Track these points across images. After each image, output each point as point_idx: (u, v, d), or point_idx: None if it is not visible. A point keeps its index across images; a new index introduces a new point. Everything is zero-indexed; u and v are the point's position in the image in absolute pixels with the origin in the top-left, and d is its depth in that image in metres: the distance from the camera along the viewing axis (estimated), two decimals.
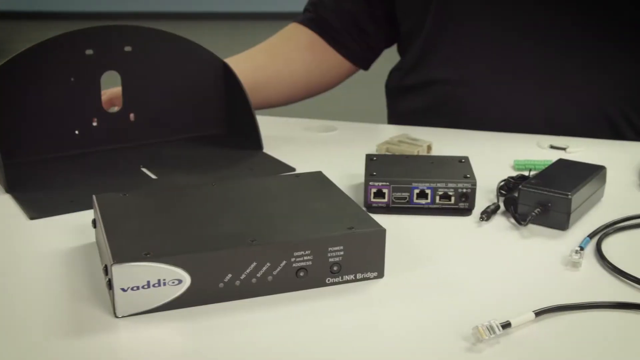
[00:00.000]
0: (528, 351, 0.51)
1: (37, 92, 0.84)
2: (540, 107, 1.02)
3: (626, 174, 0.85)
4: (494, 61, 1.02)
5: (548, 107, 1.02)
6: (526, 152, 0.90)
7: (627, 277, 0.61)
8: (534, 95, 1.02)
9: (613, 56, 1.01)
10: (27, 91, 0.84)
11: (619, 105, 1.03)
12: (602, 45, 1.00)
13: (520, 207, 0.71)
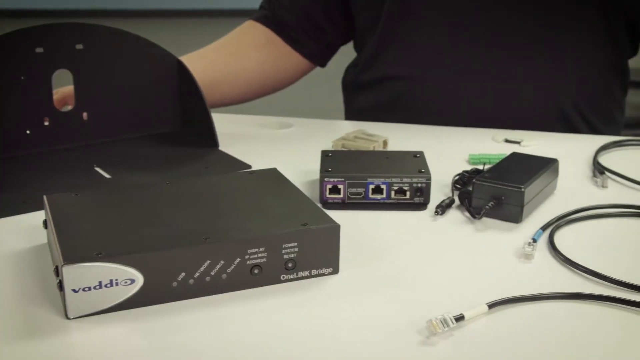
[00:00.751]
0: (481, 343, 0.52)
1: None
2: (495, 101, 1.03)
3: (579, 166, 0.86)
4: (448, 57, 1.03)
5: (503, 102, 1.03)
6: (481, 146, 0.91)
7: (578, 267, 0.61)
8: (488, 90, 1.02)
9: (566, 52, 1.02)
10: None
11: (572, 100, 1.04)
12: (555, 41, 1.02)
13: (475, 201, 0.71)
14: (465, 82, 1.03)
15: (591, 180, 0.82)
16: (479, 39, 1.02)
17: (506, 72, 1.02)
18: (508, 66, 1.02)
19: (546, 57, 1.02)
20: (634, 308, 0.56)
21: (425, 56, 1.04)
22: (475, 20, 1.01)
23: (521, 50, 1.02)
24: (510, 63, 1.02)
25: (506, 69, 1.02)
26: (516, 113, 1.03)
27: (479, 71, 1.02)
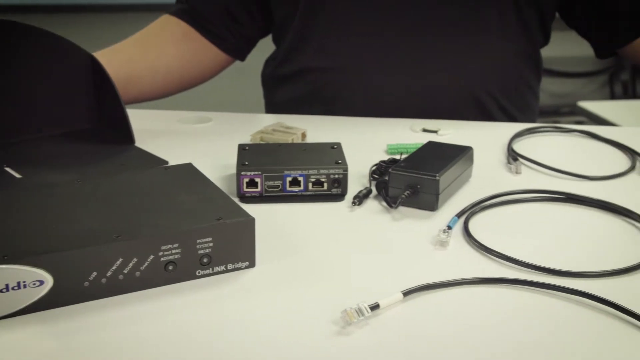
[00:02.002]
0: (396, 331, 0.52)
1: None
2: (413, 92, 1.04)
3: (494, 154, 0.88)
4: (366, 48, 1.03)
5: (420, 92, 1.04)
6: (399, 136, 0.91)
7: (492, 253, 0.63)
8: (406, 81, 1.03)
9: (479, 41, 1.04)
10: None
11: (487, 89, 1.06)
12: (468, 31, 1.03)
13: (391, 190, 0.72)
14: (383, 73, 1.03)
15: (506, 166, 0.84)
16: (395, 31, 1.03)
17: (422, 62, 1.03)
18: (424, 57, 1.03)
19: (461, 46, 1.03)
20: (544, 290, 0.57)
21: (343, 48, 1.04)
22: (391, 12, 1.02)
23: (436, 41, 1.03)
24: (426, 53, 1.03)
25: (422, 59, 1.03)
26: (433, 103, 1.04)
27: (397, 62, 1.03)
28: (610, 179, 0.81)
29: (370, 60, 1.03)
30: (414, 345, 0.50)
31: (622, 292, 0.57)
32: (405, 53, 1.03)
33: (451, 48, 1.03)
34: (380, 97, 1.04)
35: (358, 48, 1.04)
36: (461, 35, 1.03)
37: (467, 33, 1.03)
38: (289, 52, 1.09)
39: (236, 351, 0.50)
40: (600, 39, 1.09)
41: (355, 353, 0.49)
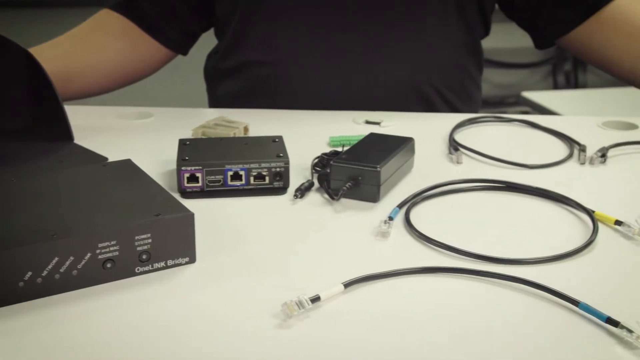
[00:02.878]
0: (337, 322, 0.52)
1: None
2: (355, 84, 1.04)
3: (436, 144, 0.88)
4: (307, 41, 1.03)
5: (362, 84, 1.04)
6: (342, 129, 0.92)
7: (432, 242, 0.63)
8: (348, 73, 1.04)
9: (420, 33, 1.04)
10: None
11: (429, 80, 1.07)
12: (409, 23, 1.04)
13: (333, 183, 0.72)
14: (324, 66, 1.03)
15: (447, 157, 0.84)
16: (336, 24, 1.03)
17: (364, 55, 1.03)
18: (365, 49, 1.03)
19: (401, 39, 1.04)
20: (483, 277, 0.58)
21: (285, 42, 1.04)
22: (332, 5, 1.02)
23: (377, 33, 1.03)
24: (368, 46, 1.03)
25: (364, 52, 1.03)
26: (376, 95, 1.04)
27: (338, 55, 1.03)
28: (549, 167, 0.82)
29: (312, 53, 1.03)
30: (354, 336, 0.50)
31: (558, 278, 0.58)
32: (347, 46, 1.03)
33: (392, 40, 1.04)
34: (323, 90, 1.04)
35: (299, 41, 1.03)
36: (402, 27, 1.04)
37: (408, 25, 1.04)
38: (230, 46, 1.09)
39: (177, 347, 0.49)
40: (538, 30, 1.11)
41: (296, 346, 0.49)
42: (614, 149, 0.86)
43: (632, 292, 0.57)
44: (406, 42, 1.04)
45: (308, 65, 1.04)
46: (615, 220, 0.67)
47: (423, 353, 0.49)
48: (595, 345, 0.50)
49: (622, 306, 0.55)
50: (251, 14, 1.04)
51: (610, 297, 0.56)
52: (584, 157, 0.84)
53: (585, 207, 0.69)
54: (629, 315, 0.52)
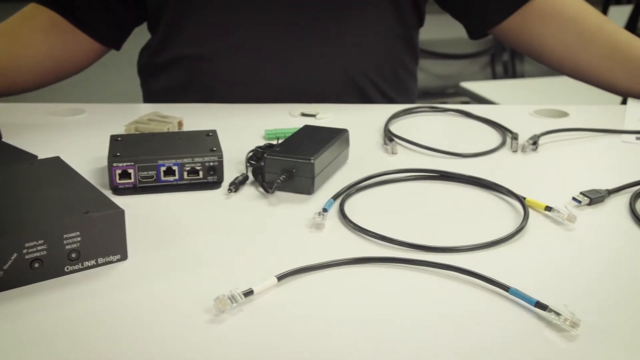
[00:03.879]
0: (271, 315, 0.52)
1: None
2: (290, 77, 1.04)
3: (371, 135, 0.89)
4: (240, 34, 1.03)
5: (298, 77, 1.04)
6: (277, 122, 0.91)
7: (366, 233, 0.63)
8: (283, 66, 1.03)
9: (354, 25, 1.05)
10: None
11: (364, 72, 1.07)
12: (343, 15, 1.04)
13: (267, 176, 0.71)
14: (258, 59, 1.03)
15: (382, 147, 0.85)
16: (270, 16, 1.02)
17: (298, 47, 1.03)
18: (300, 41, 1.03)
19: (335, 30, 1.04)
20: (416, 266, 0.58)
21: (217, 35, 1.03)
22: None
23: (311, 25, 1.03)
24: (302, 38, 1.03)
25: (298, 44, 1.03)
26: (312, 87, 1.04)
27: (272, 48, 1.03)
28: (482, 155, 0.83)
29: (245, 46, 1.03)
30: (288, 329, 0.50)
31: (490, 264, 0.59)
32: (281, 38, 1.03)
33: (326, 33, 1.04)
34: (258, 84, 1.03)
35: (232, 35, 1.03)
36: (335, 19, 1.04)
37: (341, 17, 1.04)
38: (163, 40, 1.07)
39: (108, 346, 0.48)
40: (471, 21, 1.12)
41: (229, 340, 0.49)
42: (545, 136, 0.88)
43: (561, 276, 0.58)
44: (341, 34, 1.04)
45: (242, 58, 1.03)
46: (546, 206, 0.68)
47: (356, 343, 0.49)
48: (524, 329, 0.51)
49: (552, 290, 0.56)
50: (182, 8, 1.03)
51: (540, 282, 0.57)
52: (516, 145, 0.85)
53: (517, 194, 0.70)
54: (558, 299, 0.53)
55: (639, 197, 0.71)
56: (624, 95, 1.07)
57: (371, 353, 0.48)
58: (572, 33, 1.07)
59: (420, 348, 0.49)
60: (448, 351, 0.48)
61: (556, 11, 1.07)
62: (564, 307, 0.51)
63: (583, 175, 0.79)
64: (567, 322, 0.50)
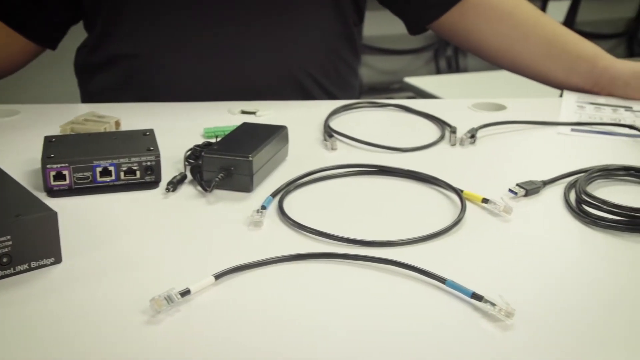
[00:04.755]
0: (208, 315, 0.51)
1: None
2: (230, 75, 1.03)
3: (311, 131, 0.89)
4: (177, 32, 1.01)
5: (238, 75, 1.03)
6: (217, 120, 0.90)
7: (305, 229, 0.63)
8: (222, 64, 1.02)
9: (293, 21, 1.04)
10: None
11: (305, 69, 1.07)
12: (281, 11, 1.03)
13: (205, 174, 0.71)
14: (197, 57, 1.02)
15: (322, 144, 0.85)
16: (209, 13, 1.01)
17: (238, 45, 1.02)
18: (239, 38, 1.02)
19: (275, 27, 1.04)
20: (355, 261, 0.58)
21: (154, 33, 1.02)
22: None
23: (251, 22, 1.02)
24: (242, 35, 1.02)
25: (238, 41, 1.02)
26: (253, 84, 1.04)
27: (212, 45, 1.02)
28: (421, 149, 0.84)
29: (184, 44, 1.02)
30: (225, 328, 0.50)
31: (428, 257, 0.59)
32: (220, 36, 1.02)
33: (266, 29, 1.03)
34: (197, 82, 1.02)
35: (170, 33, 1.01)
36: (275, 16, 1.03)
37: (281, 14, 1.03)
38: (100, 39, 1.05)
39: (42, 351, 0.47)
40: (410, 16, 1.13)
41: (166, 340, 0.49)
42: (483, 129, 0.89)
43: (497, 266, 0.59)
44: (280, 31, 1.04)
45: (180, 57, 1.02)
46: (483, 199, 0.69)
47: (295, 340, 0.49)
48: (461, 320, 0.52)
49: (488, 281, 0.56)
50: (118, 6, 1.01)
51: (477, 273, 0.58)
52: (455, 139, 0.86)
53: (454, 187, 0.71)
54: (494, 290, 0.53)
55: (573, 187, 0.72)
56: (561, 88, 1.09)
57: (309, 349, 0.48)
58: (508, 27, 1.08)
59: (357, 342, 0.49)
60: (385, 344, 0.49)
61: (492, 6, 1.09)
62: (499, 298, 0.52)
63: (519, 167, 0.80)
64: (502, 312, 0.51)
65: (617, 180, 0.75)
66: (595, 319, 0.52)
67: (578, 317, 0.52)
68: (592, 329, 0.51)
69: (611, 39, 3.53)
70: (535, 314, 0.52)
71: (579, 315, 0.53)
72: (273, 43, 1.04)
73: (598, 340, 0.50)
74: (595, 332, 0.51)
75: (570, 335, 0.50)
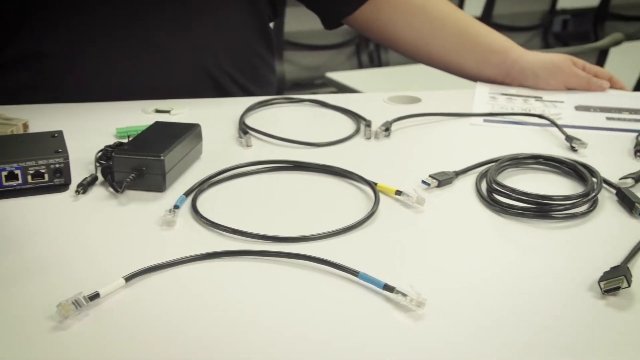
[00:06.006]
0: (119, 318, 0.51)
1: None
2: (144, 73, 1.01)
3: (227, 129, 0.88)
4: (87, 30, 0.99)
5: (151, 73, 1.01)
6: (130, 120, 0.89)
7: (219, 227, 0.63)
8: (135, 62, 1.00)
9: (206, 17, 1.03)
10: None
11: (220, 65, 1.06)
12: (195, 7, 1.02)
13: (117, 175, 0.70)
14: (110, 56, 1.00)
15: (237, 141, 0.84)
16: (119, 11, 0.99)
17: (151, 42, 1.00)
18: (152, 35, 1.00)
19: (189, 24, 1.02)
20: (268, 257, 0.58)
21: (63, 32, 0.99)
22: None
23: (163, 19, 1.01)
24: (154, 32, 1.00)
25: (150, 38, 1.00)
26: (167, 82, 1.02)
27: (123, 43, 1.00)
28: (337, 144, 0.84)
29: (93, 43, 0.99)
30: (136, 331, 0.49)
31: (342, 250, 0.60)
32: (131, 34, 1.00)
33: (178, 26, 1.02)
34: (109, 81, 1.00)
35: (79, 31, 0.99)
36: (188, 12, 1.02)
37: (194, 10, 1.02)
38: (8, 38, 1.02)
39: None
40: (325, 11, 1.13)
41: (75, 347, 0.47)
42: (398, 122, 0.90)
43: (409, 257, 0.60)
44: (193, 27, 1.03)
45: (92, 55, 0.99)
46: (396, 191, 0.69)
47: (209, 340, 0.48)
48: (374, 312, 0.52)
49: (400, 272, 0.57)
50: (26, 4, 0.98)
51: (390, 265, 0.58)
52: (370, 132, 0.87)
53: (368, 180, 0.72)
54: (406, 280, 0.54)
55: (484, 177, 0.73)
56: (474, 79, 1.11)
57: (226, 348, 0.48)
58: (421, 21, 1.10)
59: (273, 337, 0.49)
60: (301, 339, 0.49)
61: (406, 0, 1.10)
62: (410, 288, 0.52)
63: (433, 158, 0.81)
64: (413, 302, 0.52)
65: (526, 169, 0.77)
66: (506, 305, 0.53)
67: (489, 304, 0.53)
68: (503, 315, 0.52)
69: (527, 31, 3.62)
70: (447, 303, 0.53)
71: (490, 302, 0.54)
72: (186, 40, 1.03)
73: (509, 325, 0.51)
74: (506, 318, 0.52)
75: (481, 322, 0.51)
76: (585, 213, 0.67)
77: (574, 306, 0.53)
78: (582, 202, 0.67)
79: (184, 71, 1.03)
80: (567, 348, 0.49)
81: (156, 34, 1.01)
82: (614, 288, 0.54)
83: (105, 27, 0.99)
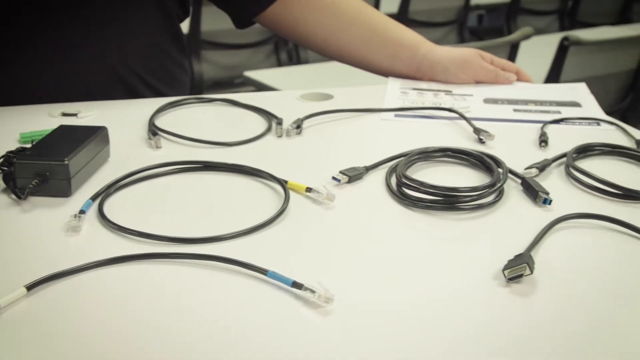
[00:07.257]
0: (20, 328, 0.49)
1: None
2: (50, 76, 0.98)
3: (136, 131, 0.86)
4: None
5: (59, 75, 0.99)
6: (35, 124, 0.86)
7: (126, 231, 0.62)
8: (43, 65, 0.98)
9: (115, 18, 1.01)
10: None
11: (129, 66, 1.04)
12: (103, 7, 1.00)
13: (19, 181, 0.67)
14: (15, 59, 0.97)
15: (146, 142, 0.83)
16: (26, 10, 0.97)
17: (59, 44, 0.98)
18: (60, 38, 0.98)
19: (96, 25, 1.00)
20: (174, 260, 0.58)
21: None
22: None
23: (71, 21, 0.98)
24: (63, 33, 0.98)
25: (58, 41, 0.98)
26: (76, 85, 1.00)
27: (32, 44, 0.97)
28: (248, 142, 0.84)
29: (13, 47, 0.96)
30: (39, 341, 0.48)
31: (252, 249, 0.60)
32: (39, 35, 0.97)
33: (87, 28, 0.99)
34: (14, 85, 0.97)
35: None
36: (96, 13, 1.00)
37: (102, 11, 1.00)
38: None
39: None
40: (235, 10, 1.13)
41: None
42: (309, 119, 0.90)
43: (319, 253, 0.60)
44: (101, 28, 1.00)
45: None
46: (306, 188, 0.69)
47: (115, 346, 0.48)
48: (283, 309, 0.52)
49: (310, 269, 0.57)
50: None
51: (300, 262, 0.58)
52: (281, 130, 0.86)
53: (278, 178, 0.71)
54: (315, 277, 0.54)
55: (394, 171, 0.74)
56: (386, 75, 1.12)
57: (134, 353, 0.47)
58: (331, 17, 1.10)
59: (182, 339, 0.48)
60: (209, 340, 0.48)
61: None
62: (318, 284, 0.52)
63: (344, 154, 0.81)
64: (322, 299, 0.52)
65: (435, 162, 0.78)
66: (414, 297, 0.54)
67: (397, 297, 0.54)
68: (411, 307, 0.53)
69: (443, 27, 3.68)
70: (355, 298, 0.53)
71: (398, 295, 0.54)
72: (96, 42, 1.00)
73: (417, 317, 0.51)
74: (414, 310, 0.52)
75: (389, 315, 0.51)
76: (492, 203, 0.69)
77: (481, 295, 0.54)
78: (489, 193, 0.69)
79: (94, 74, 1.01)
80: (473, 335, 0.50)
81: (65, 36, 0.98)
82: (517, 276, 0.55)
83: (12, 29, 0.96)
